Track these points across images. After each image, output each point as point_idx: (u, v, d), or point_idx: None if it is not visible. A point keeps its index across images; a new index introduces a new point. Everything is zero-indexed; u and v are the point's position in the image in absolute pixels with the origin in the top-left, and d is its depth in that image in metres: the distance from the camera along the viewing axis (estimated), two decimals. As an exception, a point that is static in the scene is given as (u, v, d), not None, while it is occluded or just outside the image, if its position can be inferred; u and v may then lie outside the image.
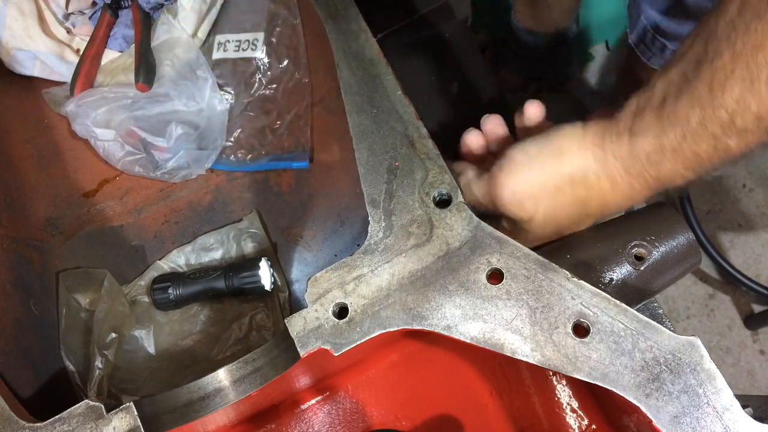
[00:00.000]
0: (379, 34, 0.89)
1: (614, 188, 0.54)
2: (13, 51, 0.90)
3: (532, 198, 0.56)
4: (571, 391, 0.67)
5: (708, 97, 0.45)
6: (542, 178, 0.55)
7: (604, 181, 0.54)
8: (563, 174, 0.55)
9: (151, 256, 0.86)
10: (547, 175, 0.55)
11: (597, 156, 0.54)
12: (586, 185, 0.55)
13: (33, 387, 0.69)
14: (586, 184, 0.54)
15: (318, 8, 0.63)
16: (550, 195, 0.56)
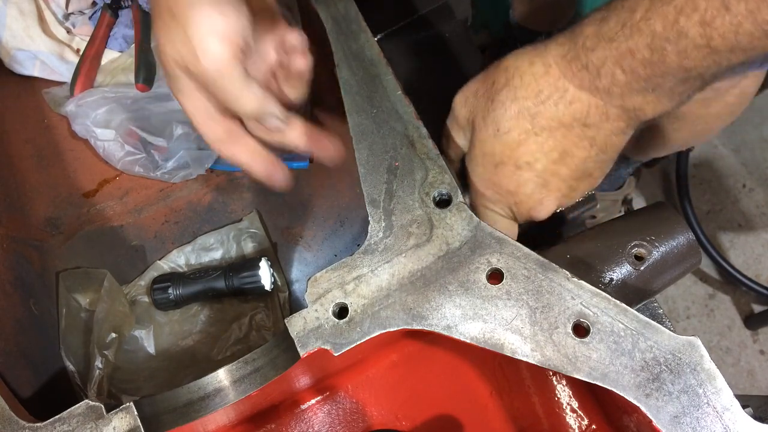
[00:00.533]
0: (379, 34, 0.89)
1: (547, 75, 0.51)
2: (13, 51, 0.90)
3: (472, 94, 0.56)
4: (571, 391, 0.67)
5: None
6: (483, 75, 0.55)
7: (537, 65, 0.51)
8: (499, 67, 0.54)
9: (151, 256, 0.86)
10: (488, 71, 0.55)
11: (536, 45, 0.52)
12: (518, 73, 0.52)
13: (33, 387, 0.69)
14: (519, 72, 0.52)
15: (318, 8, 0.63)
16: (486, 89, 0.54)
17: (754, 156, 1.71)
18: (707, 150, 1.72)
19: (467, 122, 0.57)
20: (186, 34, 0.51)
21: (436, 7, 0.92)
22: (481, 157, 0.56)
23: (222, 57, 0.52)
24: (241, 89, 0.54)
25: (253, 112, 0.55)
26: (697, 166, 1.70)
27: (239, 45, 0.53)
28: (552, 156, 0.54)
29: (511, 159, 0.54)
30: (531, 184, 0.55)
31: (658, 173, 1.70)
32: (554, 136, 0.52)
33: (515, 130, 0.53)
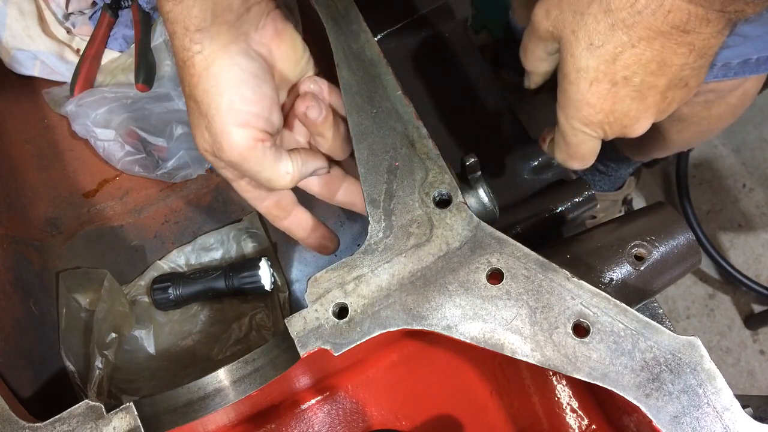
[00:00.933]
0: (379, 34, 0.89)
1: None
2: (13, 51, 0.90)
3: (557, 5, 0.52)
4: (571, 391, 0.67)
5: None
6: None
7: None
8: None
9: (151, 256, 0.86)
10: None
11: None
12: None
13: (33, 387, 0.69)
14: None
15: (318, 8, 0.62)
16: (572, 1, 0.50)
17: (754, 156, 1.71)
18: (707, 150, 1.72)
19: (551, 36, 0.54)
20: (209, 122, 0.52)
21: (436, 7, 0.92)
22: (575, 73, 0.52)
23: (245, 145, 0.52)
24: (270, 169, 0.55)
25: (289, 186, 0.57)
26: (697, 166, 1.70)
27: (262, 128, 0.54)
28: (650, 67, 0.50)
29: (607, 75, 0.51)
30: (628, 100, 0.52)
31: (658, 173, 1.70)
32: (652, 47, 0.49)
33: (610, 43, 0.49)
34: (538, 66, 0.59)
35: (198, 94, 0.52)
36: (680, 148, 1.33)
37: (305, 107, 0.57)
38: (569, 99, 0.54)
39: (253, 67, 0.54)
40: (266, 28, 0.56)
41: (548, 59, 0.58)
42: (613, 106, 0.53)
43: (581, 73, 0.52)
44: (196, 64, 0.51)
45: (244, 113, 0.52)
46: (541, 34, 0.55)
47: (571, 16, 0.51)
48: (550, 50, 0.56)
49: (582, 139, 0.57)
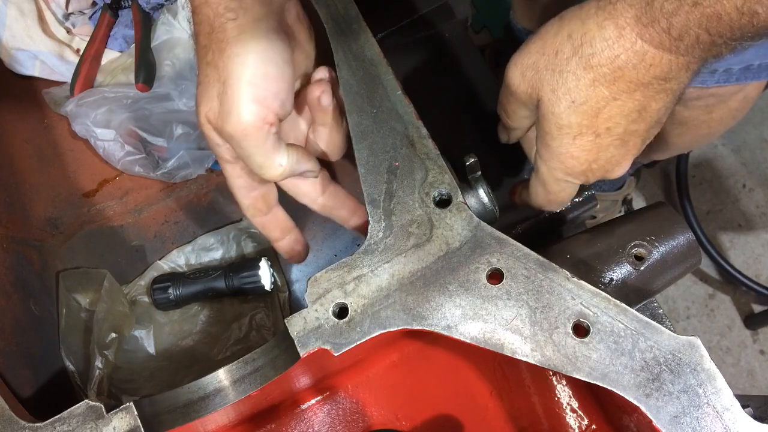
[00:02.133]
0: (379, 34, 0.89)
1: (621, 38, 0.47)
2: (13, 51, 0.90)
3: (532, 67, 0.52)
4: (571, 391, 0.67)
5: None
6: (540, 44, 0.51)
7: (609, 29, 0.47)
8: (561, 34, 0.50)
9: (151, 256, 0.86)
10: (545, 40, 0.51)
11: (600, 6, 0.48)
12: (586, 38, 0.48)
13: (33, 387, 0.69)
14: (587, 37, 0.48)
15: (318, 8, 0.62)
16: (549, 59, 0.50)
17: (754, 156, 1.71)
18: (707, 150, 1.72)
19: (529, 97, 0.54)
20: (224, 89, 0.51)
21: (436, 7, 0.92)
22: (557, 130, 0.53)
23: (253, 122, 0.51)
24: (266, 155, 0.54)
25: (278, 178, 0.56)
26: (697, 166, 1.70)
27: (275, 110, 0.52)
28: (632, 116, 0.51)
29: (590, 128, 0.52)
30: (612, 148, 0.53)
31: (658, 173, 1.70)
32: (633, 97, 0.50)
33: (592, 99, 0.50)
34: (521, 123, 0.60)
35: (222, 60, 0.50)
36: (680, 150, 1.33)
37: (320, 92, 0.57)
38: (552, 153, 0.54)
39: (281, 47, 0.53)
40: (290, 11, 0.56)
41: (530, 116, 0.59)
42: (597, 155, 0.54)
43: (564, 129, 0.52)
44: (228, 30, 0.50)
45: (262, 89, 0.51)
46: (520, 96, 0.55)
47: (549, 75, 0.51)
48: (531, 109, 0.57)
49: (563, 186, 0.58)
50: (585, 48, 0.49)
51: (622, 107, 0.50)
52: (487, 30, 1.65)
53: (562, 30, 0.50)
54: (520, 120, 0.60)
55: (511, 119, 0.60)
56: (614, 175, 0.56)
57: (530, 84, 0.53)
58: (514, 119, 0.60)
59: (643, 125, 0.52)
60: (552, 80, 0.51)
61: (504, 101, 0.58)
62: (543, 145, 0.55)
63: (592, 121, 0.51)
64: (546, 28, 0.52)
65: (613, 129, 0.52)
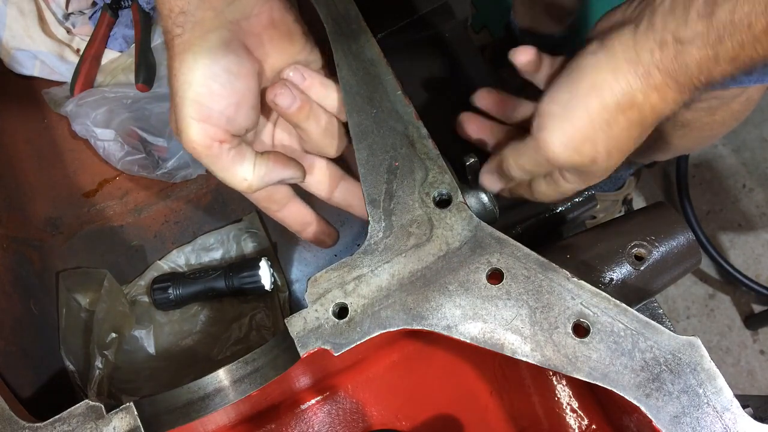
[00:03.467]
0: (379, 34, 0.89)
1: (664, 99, 0.50)
2: (13, 51, 0.90)
3: (587, 141, 0.52)
4: (571, 391, 0.67)
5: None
6: (589, 119, 0.51)
7: (652, 96, 0.50)
8: (609, 106, 0.51)
9: (151, 256, 0.86)
10: (592, 114, 0.51)
11: (638, 73, 0.50)
12: (636, 107, 0.50)
13: (33, 387, 0.69)
14: (636, 106, 0.50)
15: (318, 8, 0.62)
16: (604, 131, 0.51)
17: (754, 156, 1.71)
18: (707, 150, 1.72)
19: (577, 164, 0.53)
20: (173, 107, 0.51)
21: (436, 7, 0.92)
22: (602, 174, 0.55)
23: (200, 141, 0.51)
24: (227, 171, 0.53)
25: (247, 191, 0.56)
26: (697, 166, 1.70)
27: (223, 127, 0.51)
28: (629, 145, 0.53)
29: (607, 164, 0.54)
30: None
31: (658, 173, 1.70)
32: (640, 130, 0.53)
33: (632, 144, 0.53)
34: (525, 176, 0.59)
35: (172, 77, 0.50)
36: (682, 152, 1.33)
37: (273, 95, 0.55)
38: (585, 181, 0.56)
39: (229, 61, 0.51)
40: (261, 16, 0.54)
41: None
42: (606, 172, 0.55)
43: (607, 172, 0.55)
44: (175, 47, 0.50)
45: (206, 108, 0.50)
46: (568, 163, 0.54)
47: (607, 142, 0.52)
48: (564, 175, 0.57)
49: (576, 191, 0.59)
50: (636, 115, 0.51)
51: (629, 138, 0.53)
52: (487, 30, 1.65)
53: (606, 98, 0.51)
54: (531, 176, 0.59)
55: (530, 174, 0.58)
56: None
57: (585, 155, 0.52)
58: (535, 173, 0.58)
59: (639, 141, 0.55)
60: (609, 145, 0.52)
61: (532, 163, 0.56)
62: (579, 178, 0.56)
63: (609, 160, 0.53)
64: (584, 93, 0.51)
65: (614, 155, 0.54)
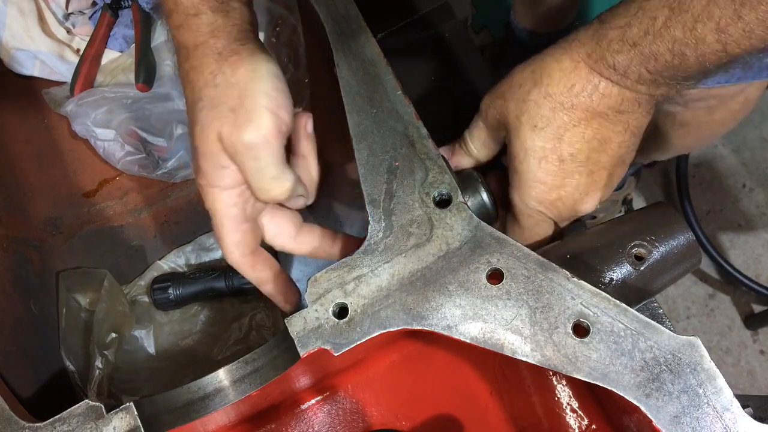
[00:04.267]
0: (379, 34, 0.89)
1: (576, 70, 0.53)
2: (13, 51, 0.90)
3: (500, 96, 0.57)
4: (571, 391, 0.67)
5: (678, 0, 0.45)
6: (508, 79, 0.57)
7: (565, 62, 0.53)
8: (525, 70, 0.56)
9: (151, 256, 0.86)
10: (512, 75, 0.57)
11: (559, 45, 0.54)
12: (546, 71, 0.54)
13: (33, 387, 0.69)
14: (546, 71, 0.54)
15: (318, 8, 0.63)
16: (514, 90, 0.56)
17: (754, 156, 1.71)
18: (707, 150, 1.72)
19: (496, 122, 0.59)
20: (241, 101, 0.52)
21: (436, 7, 0.92)
22: (523, 153, 0.56)
23: (271, 130, 0.53)
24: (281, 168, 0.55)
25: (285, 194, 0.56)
26: (697, 166, 1.70)
27: (286, 122, 0.54)
28: (593, 144, 0.55)
29: (554, 152, 0.55)
30: (576, 175, 0.56)
31: (658, 173, 1.70)
32: (591, 125, 0.54)
33: (553, 124, 0.54)
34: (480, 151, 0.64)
35: (236, 77, 0.53)
36: (682, 151, 1.33)
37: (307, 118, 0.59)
38: (521, 178, 0.57)
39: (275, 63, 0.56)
40: None
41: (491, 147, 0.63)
42: (563, 182, 0.56)
43: (529, 152, 0.56)
44: (242, 52, 0.54)
45: (276, 100, 0.53)
46: (489, 122, 0.60)
47: (514, 104, 0.56)
48: (495, 137, 0.61)
49: (536, 221, 0.59)
50: (544, 79, 0.54)
51: (582, 134, 0.55)
52: (487, 30, 1.65)
53: (527, 66, 0.56)
54: (479, 146, 0.63)
55: (473, 142, 0.63)
56: (583, 211, 0.59)
57: (499, 111, 0.57)
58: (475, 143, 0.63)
59: (605, 157, 0.56)
60: (516, 108, 0.56)
61: (473, 124, 0.62)
62: (513, 171, 0.58)
63: (555, 145, 0.55)
64: (516, 67, 0.57)
65: (576, 155, 0.55)
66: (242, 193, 0.56)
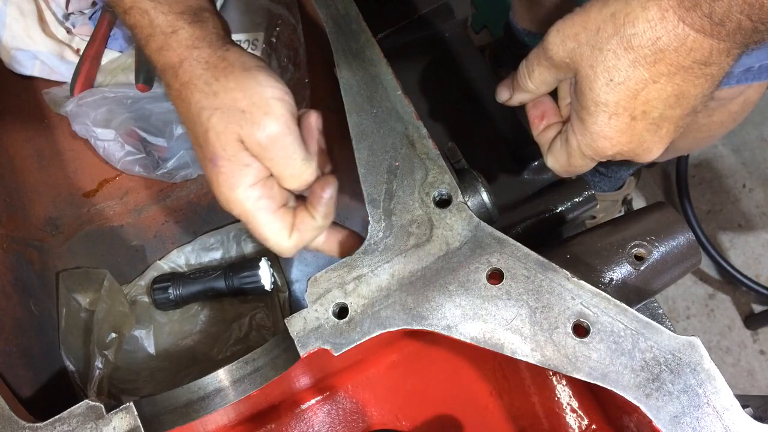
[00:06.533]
0: (379, 34, 0.89)
1: (663, 20, 0.47)
2: (13, 51, 0.90)
3: (573, 38, 0.51)
4: (571, 391, 0.67)
5: None
6: (584, 18, 0.51)
7: (652, 10, 0.48)
8: (604, 11, 0.50)
9: (151, 256, 0.86)
10: (589, 14, 0.51)
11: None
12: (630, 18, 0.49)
13: (33, 387, 0.69)
14: (630, 17, 0.48)
15: (318, 8, 0.63)
16: (591, 34, 0.50)
17: (754, 156, 1.71)
18: (707, 150, 1.72)
19: (566, 66, 0.54)
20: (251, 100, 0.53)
21: (436, 7, 0.92)
22: (593, 106, 0.52)
23: (287, 116, 0.53)
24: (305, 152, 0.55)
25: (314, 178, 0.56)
26: (697, 166, 1.70)
27: (294, 108, 0.54)
28: (669, 101, 0.51)
29: (627, 109, 0.52)
30: (645, 132, 0.53)
31: (658, 173, 1.70)
32: (673, 81, 0.50)
33: (631, 80, 0.50)
34: (539, 88, 0.59)
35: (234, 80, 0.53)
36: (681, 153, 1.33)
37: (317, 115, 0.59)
38: (586, 129, 0.54)
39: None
40: None
41: (551, 84, 0.58)
42: (630, 139, 0.53)
43: (600, 107, 0.52)
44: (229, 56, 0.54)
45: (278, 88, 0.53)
46: (555, 61, 0.54)
47: (589, 51, 0.51)
48: (560, 77, 0.56)
49: (587, 162, 0.57)
50: (627, 28, 0.49)
51: (661, 91, 0.50)
52: (487, 30, 1.65)
53: (606, 7, 0.50)
54: (539, 84, 0.58)
55: (532, 80, 0.58)
56: (642, 160, 0.56)
57: (569, 54, 0.53)
58: (535, 81, 0.58)
59: (679, 111, 0.52)
60: (592, 56, 0.51)
61: (534, 60, 0.57)
62: (578, 120, 0.55)
63: (630, 103, 0.51)
64: (591, 3, 0.51)
65: (650, 112, 0.52)
66: (265, 185, 0.56)
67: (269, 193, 0.56)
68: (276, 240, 0.56)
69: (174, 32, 0.54)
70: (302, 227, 0.57)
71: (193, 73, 0.54)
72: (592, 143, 0.54)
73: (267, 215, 0.56)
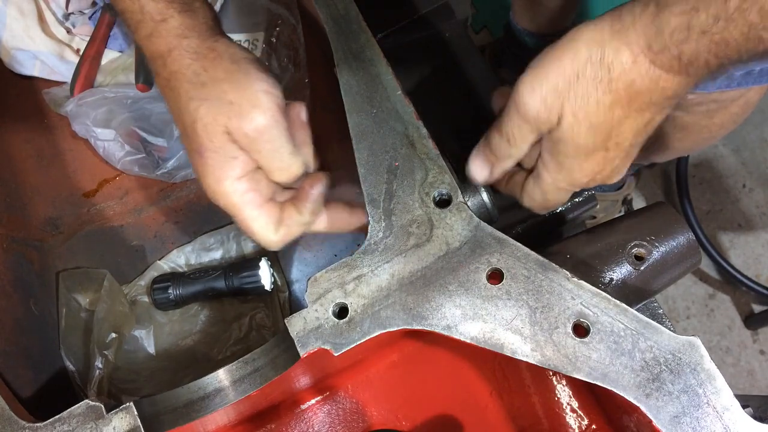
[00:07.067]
0: (379, 34, 0.89)
1: (636, 64, 0.49)
2: (13, 51, 0.90)
3: (553, 91, 0.53)
4: (571, 391, 0.67)
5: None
6: (559, 68, 0.52)
7: (624, 55, 0.50)
8: (579, 58, 0.51)
9: (151, 256, 0.86)
10: (563, 64, 0.52)
11: (615, 30, 0.50)
12: (604, 64, 0.50)
13: (33, 387, 0.69)
14: (605, 63, 0.50)
15: (318, 8, 0.63)
16: (570, 83, 0.52)
17: (754, 156, 1.71)
18: (707, 150, 1.72)
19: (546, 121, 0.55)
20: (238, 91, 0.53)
21: (436, 7, 0.92)
22: (574, 150, 0.54)
23: (274, 108, 0.53)
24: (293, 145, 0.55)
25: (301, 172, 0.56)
26: (697, 166, 1.70)
27: (281, 99, 0.55)
28: (639, 131, 0.54)
29: (602, 145, 0.54)
30: (617, 160, 0.55)
31: (658, 173, 1.70)
32: (644, 115, 0.53)
33: (609, 120, 0.52)
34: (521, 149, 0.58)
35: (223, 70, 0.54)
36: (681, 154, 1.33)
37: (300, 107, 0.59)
38: (563, 168, 0.56)
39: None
40: None
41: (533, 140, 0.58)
42: (603, 168, 0.55)
43: (581, 149, 0.54)
44: (218, 47, 0.55)
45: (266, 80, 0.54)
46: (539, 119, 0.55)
47: (573, 99, 0.52)
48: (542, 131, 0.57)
49: (563, 195, 0.58)
50: (604, 73, 0.51)
51: (633, 124, 0.53)
52: (487, 30, 1.65)
53: (578, 53, 0.52)
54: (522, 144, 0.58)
55: (514, 145, 0.58)
56: (612, 182, 0.58)
57: (550, 108, 0.53)
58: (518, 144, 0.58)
59: (645, 136, 0.55)
60: (576, 104, 0.52)
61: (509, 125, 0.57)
62: (555, 162, 0.56)
63: (605, 139, 0.53)
64: (561, 50, 0.53)
65: (622, 143, 0.54)
66: (252, 178, 0.56)
67: (256, 186, 0.56)
68: (262, 234, 0.56)
69: (164, 20, 0.54)
70: (289, 222, 0.57)
71: (182, 63, 0.54)
72: (568, 177, 0.56)
73: (253, 209, 0.56)
